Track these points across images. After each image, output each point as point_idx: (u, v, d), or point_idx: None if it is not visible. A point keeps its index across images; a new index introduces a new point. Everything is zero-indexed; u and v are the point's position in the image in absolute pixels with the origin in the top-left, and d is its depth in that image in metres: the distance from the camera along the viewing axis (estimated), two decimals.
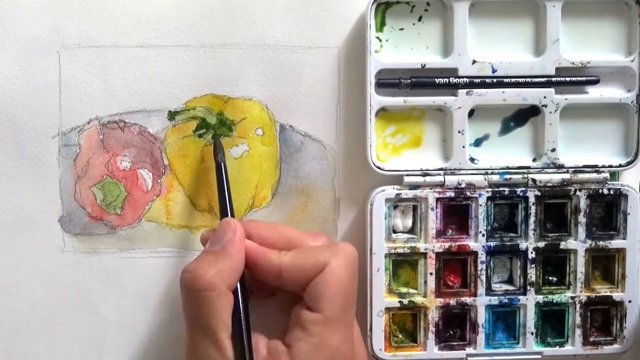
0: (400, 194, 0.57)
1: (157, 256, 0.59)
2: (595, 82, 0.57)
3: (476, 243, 0.58)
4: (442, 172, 0.57)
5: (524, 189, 0.57)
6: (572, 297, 0.59)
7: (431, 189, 0.57)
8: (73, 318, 0.59)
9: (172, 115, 0.57)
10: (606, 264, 0.60)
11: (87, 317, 0.59)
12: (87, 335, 0.59)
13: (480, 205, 0.57)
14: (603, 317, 0.60)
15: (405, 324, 0.59)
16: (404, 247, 0.57)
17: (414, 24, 0.57)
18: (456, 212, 0.58)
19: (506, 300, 0.58)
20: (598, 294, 0.59)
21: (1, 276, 0.58)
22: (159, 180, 0.58)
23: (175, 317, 0.59)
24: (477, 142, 0.58)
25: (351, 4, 0.57)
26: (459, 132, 0.57)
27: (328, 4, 0.57)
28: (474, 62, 0.56)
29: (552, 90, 0.57)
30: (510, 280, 0.60)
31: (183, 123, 0.57)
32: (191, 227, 0.59)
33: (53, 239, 0.58)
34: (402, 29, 0.57)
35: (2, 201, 0.57)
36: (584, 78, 0.57)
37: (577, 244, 0.58)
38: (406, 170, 0.57)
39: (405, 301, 0.58)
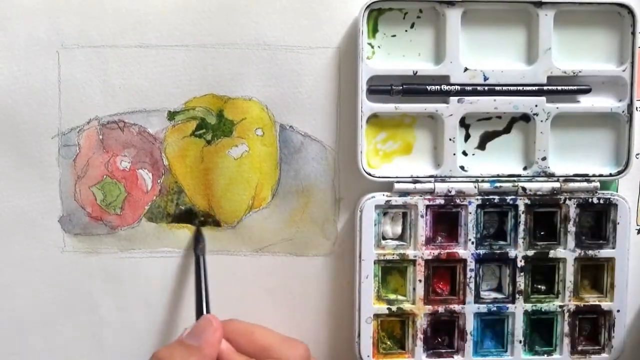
0: (390, 200, 0.54)
1: (157, 256, 0.55)
2: (586, 92, 0.54)
3: (465, 251, 0.55)
4: (432, 179, 0.54)
5: (514, 197, 0.54)
6: (560, 306, 0.55)
7: (421, 196, 0.54)
8: (73, 318, 0.56)
9: (171, 115, 0.54)
10: (595, 273, 0.56)
11: (87, 317, 0.56)
12: (87, 335, 0.56)
13: (470, 213, 0.54)
14: (591, 326, 0.57)
15: (394, 331, 0.56)
16: (393, 254, 0.54)
17: (406, 30, 0.53)
18: (446, 220, 0.55)
19: (495, 309, 0.55)
20: (587, 303, 0.56)
21: (1, 276, 0.55)
22: (158, 181, 0.55)
23: (175, 317, 0.56)
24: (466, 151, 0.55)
25: (351, 3, 0.53)
26: (450, 139, 0.53)
27: (328, 4, 0.53)
28: (466, 69, 0.53)
29: (543, 99, 0.53)
30: (499, 289, 0.56)
31: (183, 123, 0.54)
32: (191, 228, 0.55)
33: (53, 239, 0.55)
34: (394, 36, 0.53)
35: (2, 201, 0.54)
36: (575, 87, 0.54)
37: (567, 252, 0.55)
38: (396, 177, 0.54)
39: (394, 308, 0.55)
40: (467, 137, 0.54)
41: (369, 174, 0.53)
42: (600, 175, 0.54)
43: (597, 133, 0.55)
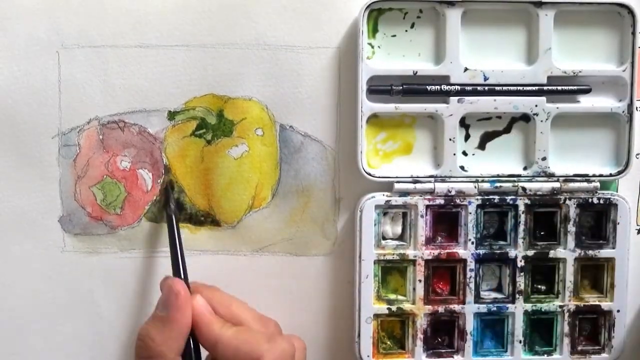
0: (390, 200, 0.54)
1: (157, 256, 0.55)
2: (586, 92, 0.54)
3: (465, 251, 0.54)
4: (432, 179, 0.54)
5: (514, 197, 0.54)
6: (560, 306, 0.55)
7: (421, 196, 0.54)
8: (73, 318, 0.56)
9: (172, 115, 0.54)
10: (595, 273, 0.56)
11: (87, 317, 0.56)
12: (87, 335, 0.56)
13: (470, 213, 0.54)
14: (591, 326, 0.57)
15: (394, 331, 0.56)
16: (393, 254, 0.54)
17: (406, 30, 0.53)
18: (446, 220, 0.55)
19: (495, 309, 0.55)
20: (587, 303, 0.55)
21: (1, 276, 0.55)
22: (158, 181, 0.55)
23: None
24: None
25: (351, 3, 0.53)
26: (450, 139, 0.53)
27: (328, 4, 0.53)
28: (466, 69, 0.53)
29: (543, 99, 0.53)
30: (499, 289, 0.56)
31: (183, 123, 0.54)
32: (191, 227, 0.55)
33: (53, 239, 0.55)
34: (394, 36, 0.53)
35: (2, 201, 0.54)
36: (575, 87, 0.53)
37: (567, 252, 0.55)
38: (396, 177, 0.54)
39: (394, 308, 0.55)
40: (467, 137, 0.54)
41: (369, 174, 0.53)
42: (600, 175, 0.54)
43: (597, 133, 0.54)
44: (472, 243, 0.54)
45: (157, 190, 0.54)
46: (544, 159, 0.54)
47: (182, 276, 0.50)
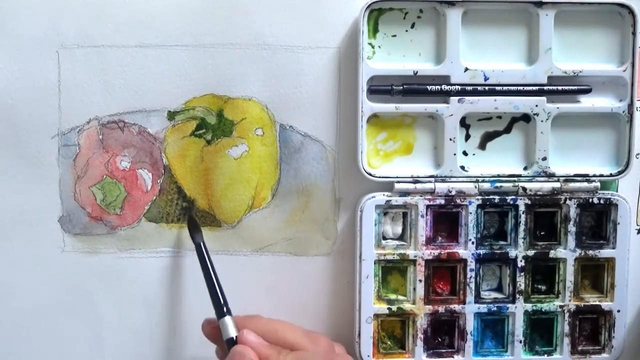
0: (391, 200, 0.54)
1: (156, 256, 0.55)
2: (587, 92, 0.54)
3: (466, 251, 0.55)
4: (432, 179, 0.54)
5: (514, 197, 0.54)
6: (561, 306, 0.55)
7: (421, 196, 0.54)
8: (73, 318, 0.56)
9: (171, 115, 0.54)
10: (595, 273, 0.56)
11: (86, 317, 0.56)
12: (87, 334, 0.56)
13: (470, 213, 0.54)
14: (592, 326, 0.57)
15: (394, 331, 0.56)
16: (394, 254, 0.54)
17: (406, 30, 0.53)
18: (446, 220, 0.55)
19: (495, 308, 0.55)
20: (587, 303, 0.56)
21: (1, 276, 0.55)
22: (158, 181, 0.55)
23: (174, 317, 0.56)
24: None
25: (351, 3, 0.53)
26: (450, 139, 0.53)
27: (328, 4, 0.53)
28: (466, 69, 0.53)
29: (544, 98, 0.53)
30: (499, 289, 0.56)
31: (182, 123, 0.54)
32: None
33: (53, 239, 0.55)
34: (394, 36, 0.53)
35: (2, 201, 0.54)
36: (576, 87, 0.54)
37: (567, 252, 0.55)
38: (397, 177, 0.54)
39: (394, 308, 0.55)
40: (467, 137, 0.54)
41: (370, 174, 0.53)
42: (601, 175, 0.54)
43: (598, 133, 0.55)
44: (473, 243, 0.54)
45: (157, 190, 0.54)
46: (544, 159, 0.54)
47: (226, 311, 0.50)
